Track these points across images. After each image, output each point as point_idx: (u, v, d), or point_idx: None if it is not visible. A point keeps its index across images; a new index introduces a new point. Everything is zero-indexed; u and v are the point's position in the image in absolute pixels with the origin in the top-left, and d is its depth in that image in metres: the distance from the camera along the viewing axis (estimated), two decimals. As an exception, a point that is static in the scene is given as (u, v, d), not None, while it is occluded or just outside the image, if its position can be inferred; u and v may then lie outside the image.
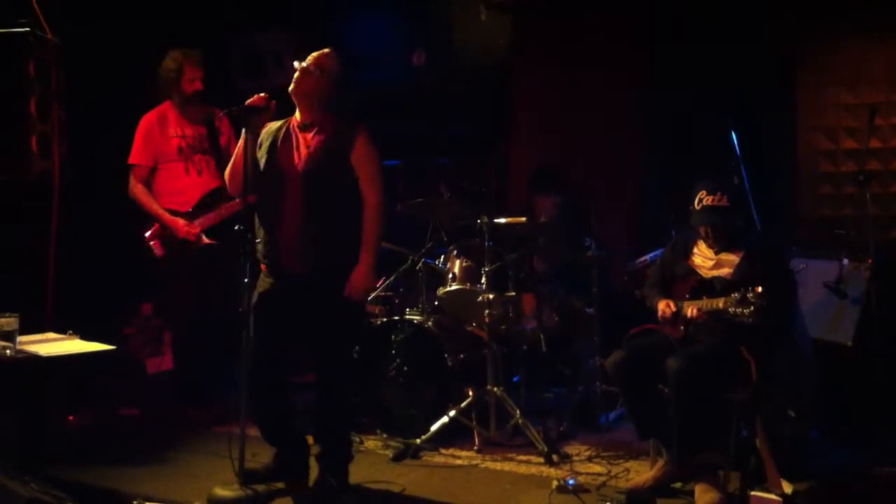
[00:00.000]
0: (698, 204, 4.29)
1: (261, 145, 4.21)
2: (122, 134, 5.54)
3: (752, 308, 3.90)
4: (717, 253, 4.34)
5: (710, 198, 4.26)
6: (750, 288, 3.92)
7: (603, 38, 6.78)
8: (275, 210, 4.14)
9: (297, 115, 4.23)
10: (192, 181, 5.43)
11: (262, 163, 4.18)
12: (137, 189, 5.40)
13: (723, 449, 4.02)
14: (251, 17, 7.03)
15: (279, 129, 4.23)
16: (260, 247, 4.18)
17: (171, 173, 5.43)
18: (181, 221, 5.32)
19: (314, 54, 4.17)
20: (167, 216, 5.33)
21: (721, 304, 4.04)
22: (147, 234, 5.34)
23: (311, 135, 4.18)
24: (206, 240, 5.34)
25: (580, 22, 6.86)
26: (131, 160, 5.41)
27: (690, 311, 4.16)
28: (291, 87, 4.13)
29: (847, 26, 6.09)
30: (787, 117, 6.26)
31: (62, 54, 5.12)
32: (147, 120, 5.43)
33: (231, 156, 4.33)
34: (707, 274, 4.30)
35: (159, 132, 5.41)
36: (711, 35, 6.25)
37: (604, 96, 6.75)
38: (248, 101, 4.06)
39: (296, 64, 4.13)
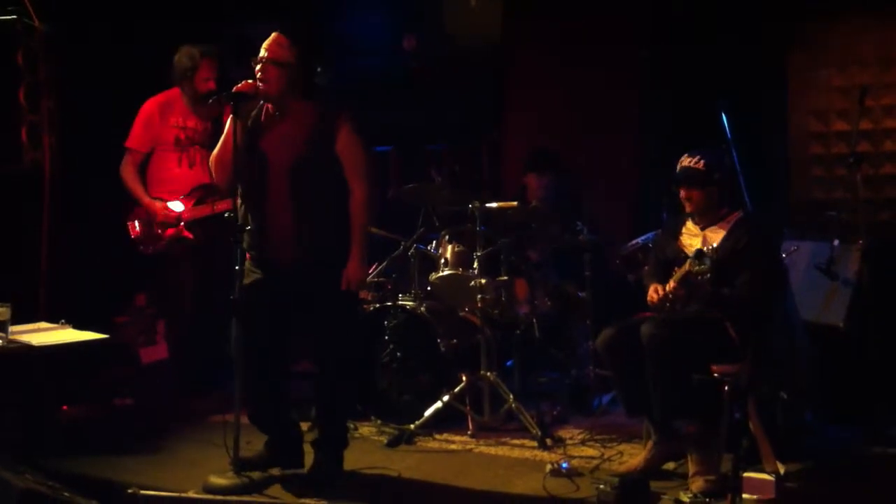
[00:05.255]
0: (678, 167, 4.36)
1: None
2: (114, 123, 5.52)
3: (707, 263, 3.92)
4: (702, 229, 4.35)
5: (689, 160, 4.32)
6: (710, 247, 3.96)
7: (595, 20, 6.77)
8: (260, 202, 4.11)
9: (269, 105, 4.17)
10: (183, 172, 5.42)
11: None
12: (127, 171, 5.38)
13: (711, 426, 4.03)
14: (243, 6, 7.01)
15: (255, 115, 4.17)
16: (246, 237, 4.14)
17: (164, 162, 5.42)
18: (159, 205, 5.32)
19: (265, 45, 4.07)
20: (147, 199, 5.34)
21: (687, 267, 4.06)
22: (129, 217, 5.36)
23: (290, 125, 4.12)
24: (186, 232, 5.36)
25: (569, 4, 6.85)
26: (128, 143, 5.39)
27: (669, 285, 4.19)
28: (259, 86, 4.03)
29: (837, 8, 6.08)
30: (778, 100, 6.26)
31: (51, 43, 5.09)
32: (149, 105, 5.39)
33: None
34: (692, 252, 4.30)
35: (160, 119, 5.38)
36: (703, 19, 6.24)
37: (599, 83, 6.74)
38: (237, 87, 4.02)
39: (255, 62, 4.05)
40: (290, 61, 4.06)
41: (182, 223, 5.34)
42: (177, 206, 5.37)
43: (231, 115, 4.03)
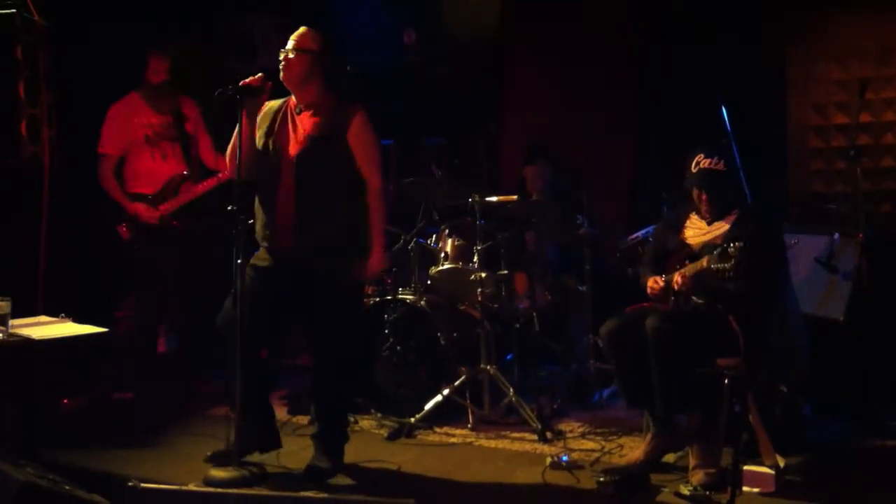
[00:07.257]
0: (695, 167, 4.27)
1: (259, 126, 4.23)
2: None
3: (732, 262, 3.89)
4: (709, 224, 4.34)
5: (708, 161, 4.24)
6: (731, 243, 3.93)
7: (595, 19, 6.76)
8: (272, 192, 4.16)
9: (293, 97, 4.25)
10: (158, 166, 5.49)
11: (259, 144, 4.21)
12: (106, 178, 5.46)
13: (712, 419, 4.04)
14: (244, 1, 7.00)
15: (277, 110, 4.24)
16: (258, 226, 4.20)
17: (139, 159, 5.48)
18: (142, 206, 5.39)
19: (293, 36, 4.18)
20: (128, 203, 5.41)
21: (704, 263, 4.04)
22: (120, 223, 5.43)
23: (307, 116, 4.19)
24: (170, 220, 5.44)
25: (568, 3, 6.84)
26: (101, 149, 5.46)
27: (676, 279, 4.18)
28: (281, 75, 4.15)
29: (836, 1, 6.08)
30: (777, 93, 6.25)
31: (50, 37, 5.09)
32: (114, 110, 5.48)
33: (197, 140, 5.43)
34: (697, 244, 4.30)
35: (125, 122, 5.46)
36: (703, 19, 6.24)
37: (598, 83, 6.74)
38: (244, 81, 4.05)
39: (281, 53, 4.16)
40: (313, 48, 4.14)
41: (163, 216, 5.42)
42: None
43: (241, 110, 4.06)
